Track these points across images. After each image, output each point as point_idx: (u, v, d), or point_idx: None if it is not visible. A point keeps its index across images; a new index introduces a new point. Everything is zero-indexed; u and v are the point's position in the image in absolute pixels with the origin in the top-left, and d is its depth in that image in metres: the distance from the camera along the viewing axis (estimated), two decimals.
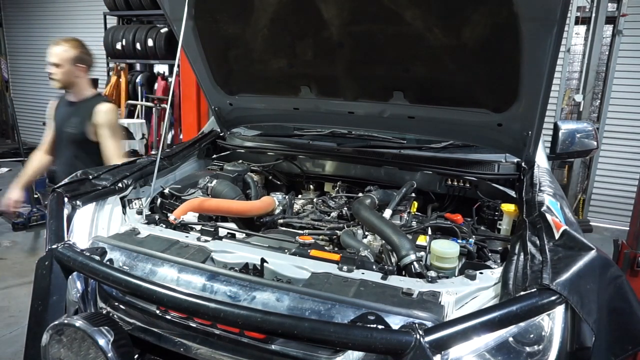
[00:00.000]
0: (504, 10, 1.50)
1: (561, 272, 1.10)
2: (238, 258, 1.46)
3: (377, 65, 1.96)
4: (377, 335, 0.99)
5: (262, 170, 2.45)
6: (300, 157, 2.44)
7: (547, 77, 1.61)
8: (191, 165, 2.44)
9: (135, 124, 5.65)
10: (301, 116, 2.39)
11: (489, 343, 1.06)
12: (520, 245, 1.34)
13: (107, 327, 1.24)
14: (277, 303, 1.23)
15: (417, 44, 1.77)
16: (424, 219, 1.93)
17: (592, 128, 2.20)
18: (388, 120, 2.17)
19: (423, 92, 2.00)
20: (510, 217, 1.77)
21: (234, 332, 1.25)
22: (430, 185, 2.21)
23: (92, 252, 1.36)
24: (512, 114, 1.84)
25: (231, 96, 2.42)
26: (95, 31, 7.56)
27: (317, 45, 1.97)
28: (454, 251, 1.45)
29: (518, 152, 2.01)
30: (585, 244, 1.20)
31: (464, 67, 1.80)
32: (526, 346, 1.07)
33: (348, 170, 2.37)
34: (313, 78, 2.15)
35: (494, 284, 1.28)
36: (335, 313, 1.18)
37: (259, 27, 1.96)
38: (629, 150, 5.15)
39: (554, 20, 1.44)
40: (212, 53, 2.19)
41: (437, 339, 0.98)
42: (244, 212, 1.96)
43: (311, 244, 1.56)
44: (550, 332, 1.08)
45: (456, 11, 1.62)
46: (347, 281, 1.30)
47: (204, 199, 1.96)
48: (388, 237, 1.55)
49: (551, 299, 1.05)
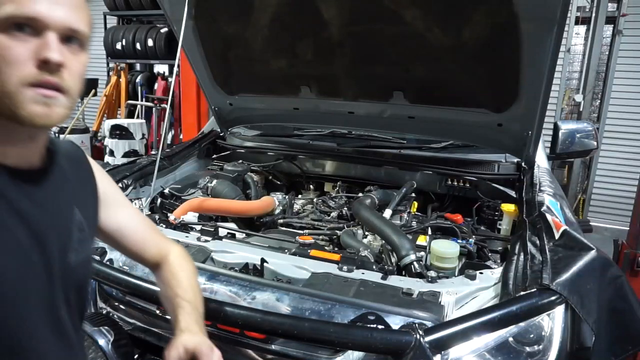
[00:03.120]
0: (503, 10, 1.50)
1: (561, 272, 1.10)
2: (238, 258, 1.46)
3: (377, 65, 1.96)
4: (377, 335, 0.99)
5: (262, 170, 2.45)
6: (300, 157, 2.44)
7: (547, 77, 1.61)
8: (191, 165, 2.44)
9: (135, 124, 5.65)
10: (301, 116, 2.39)
11: (489, 343, 1.06)
12: (520, 245, 1.34)
13: (107, 327, 1.24)
14: (277, 303, 1.23)
15: (417, 44, 1.77)
16: (424, 219, 1.93)
17: (592, 128, 2.20)
18: (388, 120, 2.17)
19: (423, 92, 2.01)
20: (510, 217, 1.77)
21: (234, 332, 1.25)
22: (430, 185, 2.21)
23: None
24: (512, 114, 1.84)
25: (231, 96, 2.42)
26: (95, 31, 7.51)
27: (317, 45, 1.97)
28: (454, 251, 1.45)
29: (518, 152, 2.01)
30: (585, 244, 1.20)
31: (464, 67, 1.80)
32: (526, 346, 1.07)
33: (348, 170, 2.37)
34: (313, 78, 2.15)
35: (494, 284, 1.28)
36: (335, 313, 1.18)
37: (259, 27, 1.96)
38: (629, 150, 5.14)
39: (554, 20, 1.44)
40: (212, 53, 2.19)
41: (437, 339, 0.98)
42: (244, 212, 1.96)
43: (311, 244, 1.56)
44: (550, 332, 1.08)
45: (456, 11, 1.62)
46: (347, 281, 1.30)
47: (204, 199, 1.96)
48: (388, 237, 1.55)
49: (551, 299, 1.05)
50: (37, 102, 0.67)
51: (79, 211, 0.83)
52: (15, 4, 0.65)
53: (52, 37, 0.67)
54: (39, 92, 0.67)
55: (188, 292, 0.97)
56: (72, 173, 0.86)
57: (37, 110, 0.67)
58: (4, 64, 0.66)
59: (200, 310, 0.97)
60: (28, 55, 0.66)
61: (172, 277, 1.00)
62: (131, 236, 1.02)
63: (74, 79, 0.71)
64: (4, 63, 0.66)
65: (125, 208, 1.03)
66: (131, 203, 1.12)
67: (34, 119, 0.67)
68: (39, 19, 0.66)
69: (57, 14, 0.67)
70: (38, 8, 0.66)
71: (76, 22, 0.70)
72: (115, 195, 1.01)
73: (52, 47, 0.67)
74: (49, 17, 0.67)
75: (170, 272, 1.02)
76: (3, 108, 0.67)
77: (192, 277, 1.03)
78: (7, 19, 0.65)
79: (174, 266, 1.03)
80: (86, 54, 0.74)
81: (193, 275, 1.04)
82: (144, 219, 1.10)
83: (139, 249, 1.03)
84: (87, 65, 0.75)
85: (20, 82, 0.66)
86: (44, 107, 0.68)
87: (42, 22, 0.66)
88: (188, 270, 1.03)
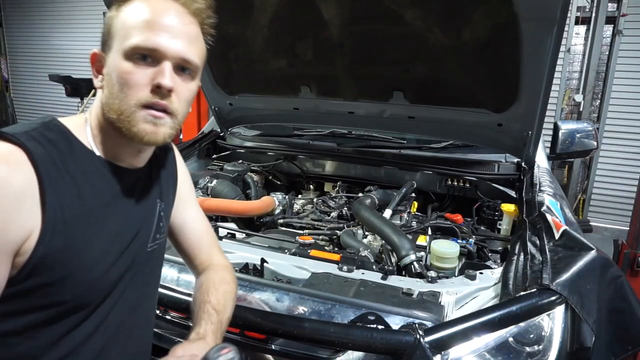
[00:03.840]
0: (504, 10, 1.50)
1: (561, 272, 1.10)
2: (238, 258, 1.46)
3: (377, 65, 1.96)
4: (377, 335, 0.99)
5: (262, 170, 2.45)
6: (300, 157, 2.44)
7: (547, 77, 1.61)
8: (191, 165, 2.44)
9: None
10: (301, 116, 2.39)
11: (489, 343, 1.06)
12: (520, 246, 1.34)
13: None
14: (277, 303, 1.23)
15: (417, 44, 1.77)
16: (424, 219, 1.93)
17: (592, 128, 2.20)
18: (388, 120, 2.17)
19: (423, 92, 2.00)
20: (510, 217, 1.78)
21: (234, 332, 1.25)
22: (430, 185, 2.21)
23: None
24: (512, 114, 1.84)
25: (231, 96, 2.42)
26: (95, 31, 7.56)
27: (317, 45, 1.97)
28: (454, 251, 1.45)
29: (518, 152, 2.02)
30: (585, 244, 1.20)
31: (464, 67, 1.80)
32: (526, 346, 1.07)
33: (348, 170, 2.37)
34: (313, 78, 2.15)
35: (494, 284, 1.29)
36: (335, 313, 1.18)
37: (259, 27, 1.96)
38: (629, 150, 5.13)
39: (554, 20, 1.44)
40: (212, 53, 2.18)
41: (437, 339, 0.98)
42: (244, 212, 1.96)
43: (311, 244, 1.56)
44: (550, 332, 1.08)
45: (456, 11, 1.62)
46: (347, 281, 1.30)
47: (204, 199, 1.96)
48: (388, 237, 1.55)
49: (551, 299, 1.05)
50: (147, 121, 0.78)
51: (162, 204, 0.95)
52: (141, 36, 0.77)
53: (168, 66, 0.78)
54: (149, 113, 0.78)
55: (221, 303, 0.97)
56: (164, 169, 0.99)
57: (146, 128, 0.78)
58: (127, 87, 0.77)
59: (225, 326, 0.96)
60: (146, 80, 0.77)
61: (212, 285, 1.01)
62: (190, 235, 1.09)
63: (181, 103, 0.82)
64: (127, 86, 0.77)
65: (193, 207, 1.12)
66: (199, 205, 1.17)
67: (142, 136, 0.78)
68: (160, 50, 0.77)
69: (174, 46, 0.78)
70: (159, 40, 0.77)
71: (189, 54, 0.81)
72: (189, 193, 1.11)
73: (166, 74, 0.77)
74: (168, 49, 0.78)
75: (212, 280, 1.02)
76: (120, 124, 0.78)
77: (231, 293, 1.03)
78: (134, 49, 0.77)
79: (217, 277, 1.04)
80: (196, 83, 0.86)
81: (232, 292, 1.03)
82: (207, 224, 1.15)
83: (193, 250, 1.09)
84: (196, 92, 0.86)
85: (136, 103, 0.77)
86: (152, 126, 0.78)
87: (161, 53, 0.77)
88: (229, 285, 1.04)
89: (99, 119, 0.83)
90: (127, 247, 0.85)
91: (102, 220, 0.80)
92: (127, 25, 0.78)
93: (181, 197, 1.06)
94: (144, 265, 0.91)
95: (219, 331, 0.93)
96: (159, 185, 0.96)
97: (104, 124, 0.82)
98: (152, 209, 0.93)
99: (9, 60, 9.01)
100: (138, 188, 0.89)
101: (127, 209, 0.86)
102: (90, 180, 0.79)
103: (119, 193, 0.84)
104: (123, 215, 0.85)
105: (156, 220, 0.94)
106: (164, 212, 0.97)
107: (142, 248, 0.90)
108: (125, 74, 0.77)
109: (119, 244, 0.84)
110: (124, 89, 0.77)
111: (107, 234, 0.81)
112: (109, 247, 0.82)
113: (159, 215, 0.95)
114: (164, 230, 0.97)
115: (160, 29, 0.78)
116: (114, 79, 0.78)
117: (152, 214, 0.93)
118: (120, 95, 0.77)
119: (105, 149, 0.83)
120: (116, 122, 0.79)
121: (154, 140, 0.80)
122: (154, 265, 0.97)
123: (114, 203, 0.83)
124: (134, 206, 0.88)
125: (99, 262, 0.80)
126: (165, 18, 0.79)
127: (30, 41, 8.69)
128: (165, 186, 0.99)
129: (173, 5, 0.81)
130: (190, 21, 0.83)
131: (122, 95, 0.77)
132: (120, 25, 0.79)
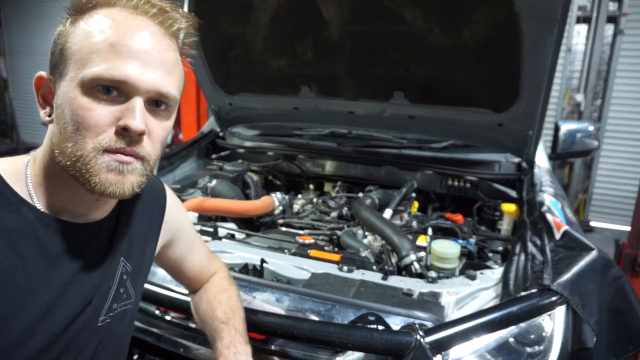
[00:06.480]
0: (504, 10, 1.50)
1: (562, 272, 1.10)
2: (238, 258, 1.45)
3: (377, 65, 1.96)
4: (377, 335, 0.99)
5: (262, 170, 2.45)
6: (300, 157, 2.44)
7: (547, 77, 1.61)
8: (191, 165, 2.44)
9: None
10: (301, 116, 2.39)
11: (489, 343, 1.06)
12: (521, 246, 1.34)
13: None
14: (277, 303, 1.23)
15: (418, 44, 1.76)
16: (424, 219, 1.93)
17: (593, 128, 2.20)
18: (388, 120, 2.16)
19: (423, 91, 2.00)
20: (511, 217, 1.77)
21: None
22: (431, 185, 2.20)
23: None
24: (513, 114, 1.84)
25: (231, 96, 2.41)
26: None
27: (317, 45, 1.97)
28: (455, 251, 1.45)
29: (519, 152, 2.01)
30: (586, 244, 1.20)
31: (464, 67, 1.80)
32: (527, 346, 1.07)
33: (348, 170, 2.36)
34: (313, 78, 2.15)
35: (495, 284, 1.28)
36: (335, 313, 1.18)
37: (259, 27, 1.95)
38: (630, 150, 5.13)
39: (555, 19, 1.44)
40: (212, 53, 2.19)
41: (437, 339, 0.97)
42: (244, 212, 1.95)
43: (311, 244, 1.56)
44: (551, 332, 1.07)
45: (456, 11, 1.61)
46: (347, 281, 1.30)
47: (204, 199, 1.96)
48: (388, 237, 1.54)
49: (552, 300, 1.05)
50: (111, 169, 0.62)
51: (126, 265, 0.78)
52: (105, 64, 0.59)
53: (139, 103, 0.61)
54: (114, 158, 0.62)
55: (227, 313, 0.97)
56: (140, 217, 0.81)
57: (109, 178, 0.62)
58: (83, 127, 0.60)
59: (243, 326, 0.97)
60: (109, 120, 0.61)
61: (213, 298, 1.00)
62: (190, 267, 1.03)
63: (154, 145, 0.66)
64: (83, 127, 0.60)
65: (190, 241, 1.01)
66: (197, 233, 1.07)
67: (105, 188, 0.62)
68: (129, 83, 0.60)
69: (148, 78, 0.61)
70: (129, 71, 0.60)
71: (167, 87, 0.64)
72: (185, 230, 0.99)
73: (136, 115, 0.61)
74: (139, 81, 0.60)
75: (212, 293, 1.01)
76: (75, 170, 0.62)
77: (234, 296, 1.03)
78: (94, 80, 0.59)
79: (216, 288, 1.03)
80: (172, 119, 0.68)
81: (234, 295, 1.04)
82: (204, 248, 1.08)
83: (193, 279, 1.05)
84: (170, 129, 0.69)
85: (95, 147, 0.61)
86: (117, 174, 0.62)
87: (130, 86, 0.61)
88: (229, 291, 1.03)
89: (46, 162, 0.66)
90: (67, 326, 0.67)
91: (26, 294, 0.63)
92: (86, 47, 0.61)
93: (178, 235, 0.96)
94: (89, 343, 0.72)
95: (238, 335, 0.95)
96: (126, 241, 0.77)
97: (54, 168, 0.65)
98: (110, 273, 0.75)
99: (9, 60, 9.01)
100: (92, 248, 0.71)
101: (69, 276, 0.67)
102: (14, 241, 0.62)
103: (60, 256, 0.66)
104: (62, 284, 0.66)
105: (115, 286, 0.75)
106: (130, 275, 0.79)
107: (90, 323, 0.71)
108: (82, 111, 0.60)
109: (50, 321, 0.65)
110: (80, 130, 0.60)
111: (33, 310, 0.63)
112: (33, 328, 0.64)
113: (120, 279, 0.76)
114: (127, 296, 0.79)
115: (129, 55, 0.60)
116: (67, 115, 0.61)
117: (110, 278, 0.75)
118: (75, 137, 0.61)
119: (49, 199, 0.67)
120: (70, 169, 0.62)
121: (120, 193, 0.63)
122: (108, 341, 0.77)
123: (48, 270, 0.65)
124: (82, 272, 0.69)
125: (17, 346, 0.62)
126: (136, 41, 0.61)
127: (29, 41, 8.70)
128: (138, 241, 0.81)
129: (147, 24, 0.63)
130: (167, 46, 0.65)
131: (78, 138, 0.60)
132: (76, 46, 0.61)
